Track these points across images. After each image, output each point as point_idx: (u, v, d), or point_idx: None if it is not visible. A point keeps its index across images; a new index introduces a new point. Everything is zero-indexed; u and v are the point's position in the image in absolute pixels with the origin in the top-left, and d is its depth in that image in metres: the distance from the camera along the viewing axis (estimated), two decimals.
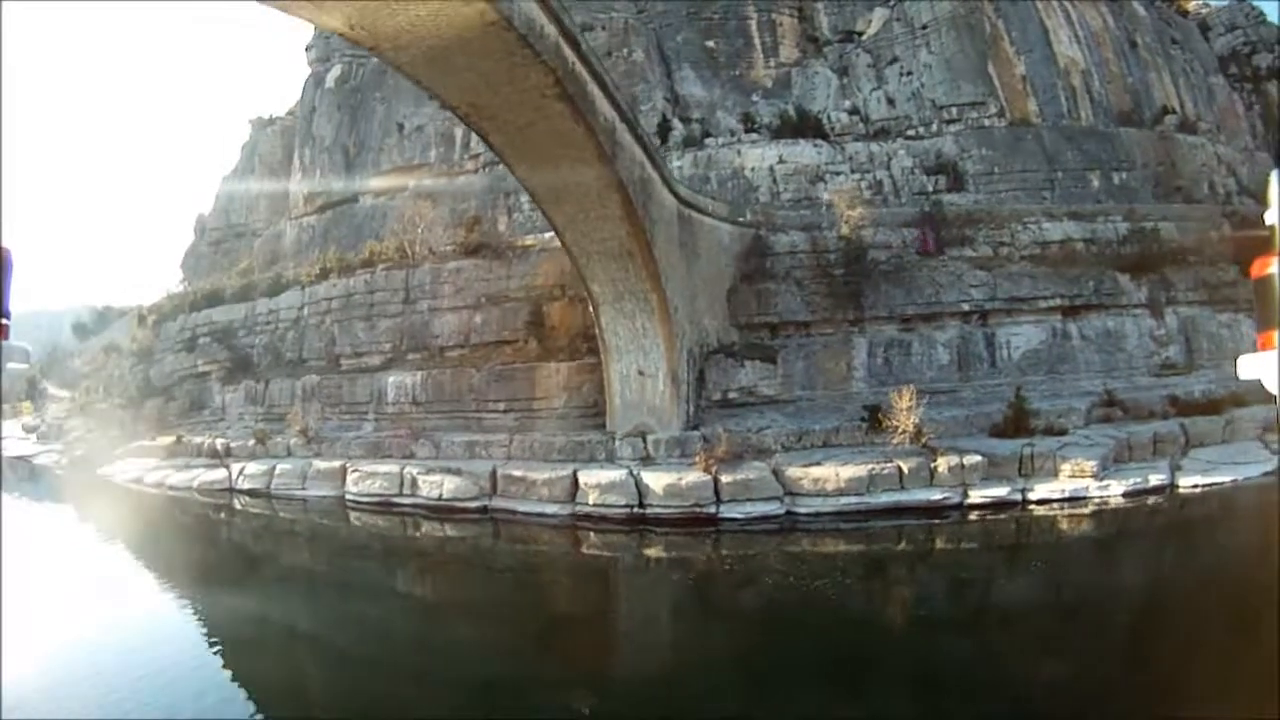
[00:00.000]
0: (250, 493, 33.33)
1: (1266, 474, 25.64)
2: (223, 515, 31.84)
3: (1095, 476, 24.54)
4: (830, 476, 24.80)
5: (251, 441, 35.97)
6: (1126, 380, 32.57)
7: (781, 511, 24.61)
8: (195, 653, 15.11)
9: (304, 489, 32.32)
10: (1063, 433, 27.82)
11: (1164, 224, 37.03)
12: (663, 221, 27.36)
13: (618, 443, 28.16)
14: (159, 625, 17.50)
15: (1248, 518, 22.70)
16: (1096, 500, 24.07)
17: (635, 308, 27.73)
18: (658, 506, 25.32)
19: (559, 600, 20.93)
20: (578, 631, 17.68)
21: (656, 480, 25.63)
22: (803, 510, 24.52)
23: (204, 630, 17.04)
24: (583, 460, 28.29)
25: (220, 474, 34.86)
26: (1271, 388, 4.02)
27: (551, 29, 19.12)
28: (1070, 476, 24.78)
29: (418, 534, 27.50)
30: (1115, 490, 24.34)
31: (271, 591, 21.25)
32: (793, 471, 25.31)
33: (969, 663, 13.92)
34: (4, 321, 3.73)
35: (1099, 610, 16.23)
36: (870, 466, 24.94)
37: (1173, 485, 25.15)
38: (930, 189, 39.28)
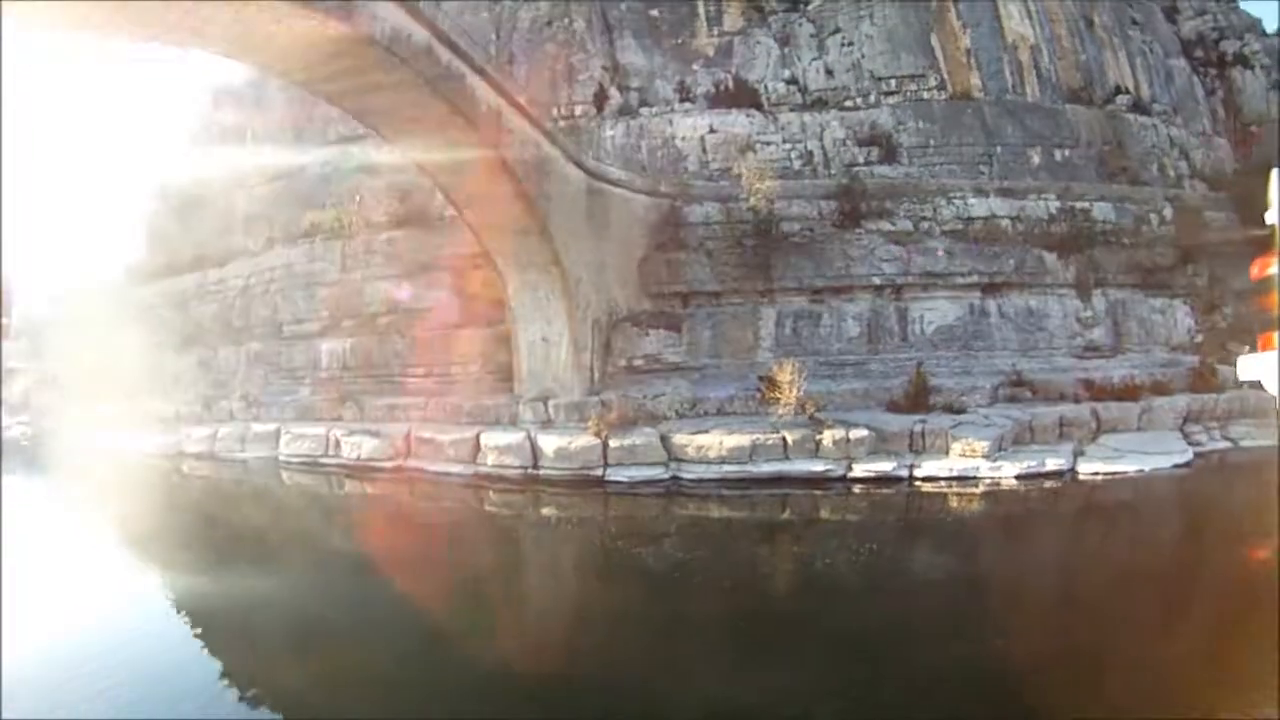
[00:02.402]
0: (197, 456, 35.11)
1: (1178, 466, 24.89)
2: (171, 478, 33.45)
3: (987, 457, 24.30)
4: (714, 444, 25.80)
5: (199, 407, 37.52)
6: (1045, 360, 32.44)
7: (667, 476, 25.75)
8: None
9: (243, 451, 34.03)
10: (961, 411, 27.68)
11: (1100, 204, 36.79)
12: (564, 197, 28.30)
13: (521, 407, 29.41)
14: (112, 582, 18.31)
15: (1140, 510, 22.30)
16: (987, 481, 23.78)
17: (538, 279, 28.83)
18: (549, 468, 26.69)
19: (448, 554, 21.30)
20: (460, 587, 17.43)
21: (549, 443, 26.91)
22: (687, 476, 25.60)
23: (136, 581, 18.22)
24: (489, 423, 29.61)
25: (171, 439, 36.60)
26: (1271, 388, 4.03)
27: (421, 34, 20.24)
28: (961, 455, 24.69)
29: (340, 491, 29.27)
30: (1007, 472, 24.00)
31: (194, 542, 22.67)
32: (679, 439, 26.38)
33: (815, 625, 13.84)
34: (4, 321, 4.05)
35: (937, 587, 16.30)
36: (754, 436, 25.73)
37: (1072, 471, 24.56)
38: (861, 160, 39.63)
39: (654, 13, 44.42)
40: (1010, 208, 36.12)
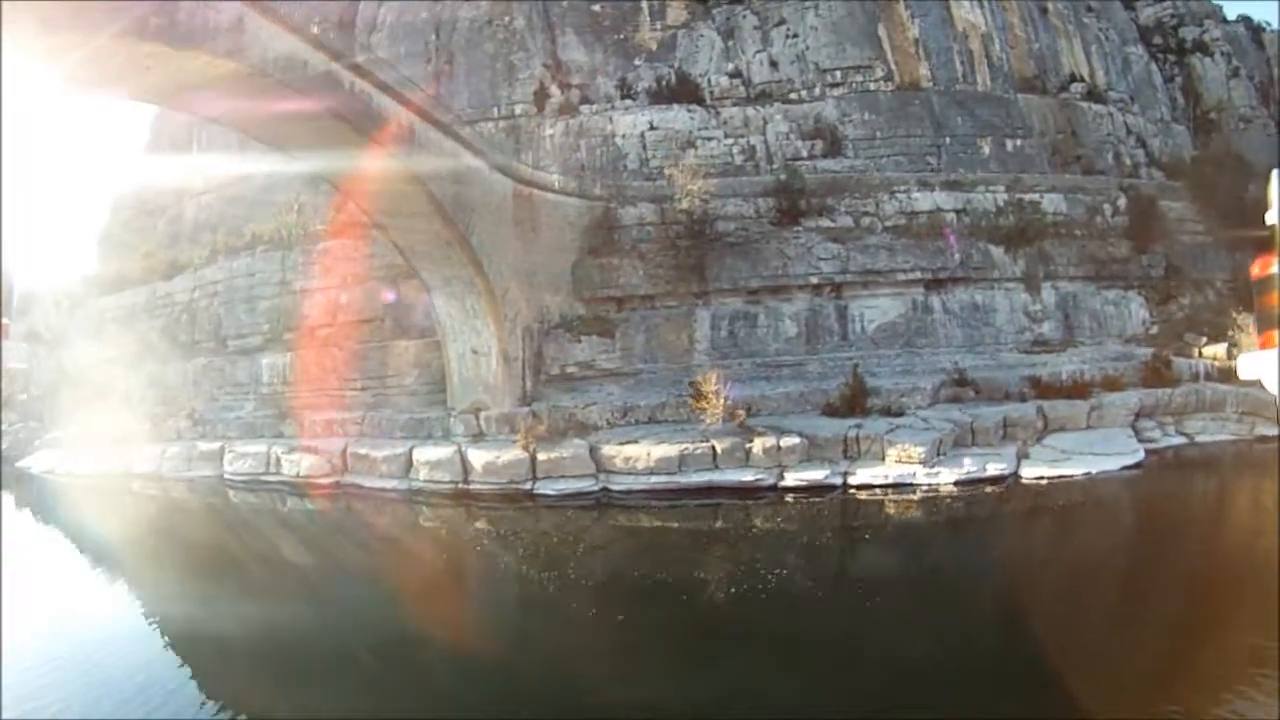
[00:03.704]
0: (145, 476, 34.89)
1: (1127, 467, 24.15)
2: (120, 500, 33.26)
3: (924, 463, 23.84)
4: (642, 455, 25.68)
5: (146, 426, 37.30)
6: (991, 357, 31.85)
7: (596, 488, 25.68)
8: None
9: (189, 470, 33.89)
10: (900, 414, 27.18)
11: (1050, 195, 36.45)
12: (488, 207, 28.08)
13: (453, 420, 29.40)
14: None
15: (1079, 516, 21.41)
16: (924, 488, 23.30)
17: (463, 290, 28.65)
18: (479, 483, 26.71)
19: (383, 569, 21.40)
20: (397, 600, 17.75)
21: (478, 458, 26.92)
22: (617, 488, 25.51)
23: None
24: (421, 437, 29.60)
25: (119, 460, 36.28)
26: (1271, 387, 3.99)
27: (319, 58, 19.89)
28: (897, 461, 24.24)
29: (281, 509, 29.34)
30: (945, 478, 23.46)
31: (147, 563, 22.84)
32: (608, 450, 26.32)
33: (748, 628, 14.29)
34: (4, 321, 3.80)
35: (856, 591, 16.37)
36: (683, 446, 25.55)
37: (1015, 476, 23.93)
38: (805, 154, 39.27)
39: (596, 8, 43.98)
40: (956, 201, 35.89)
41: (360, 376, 33.31)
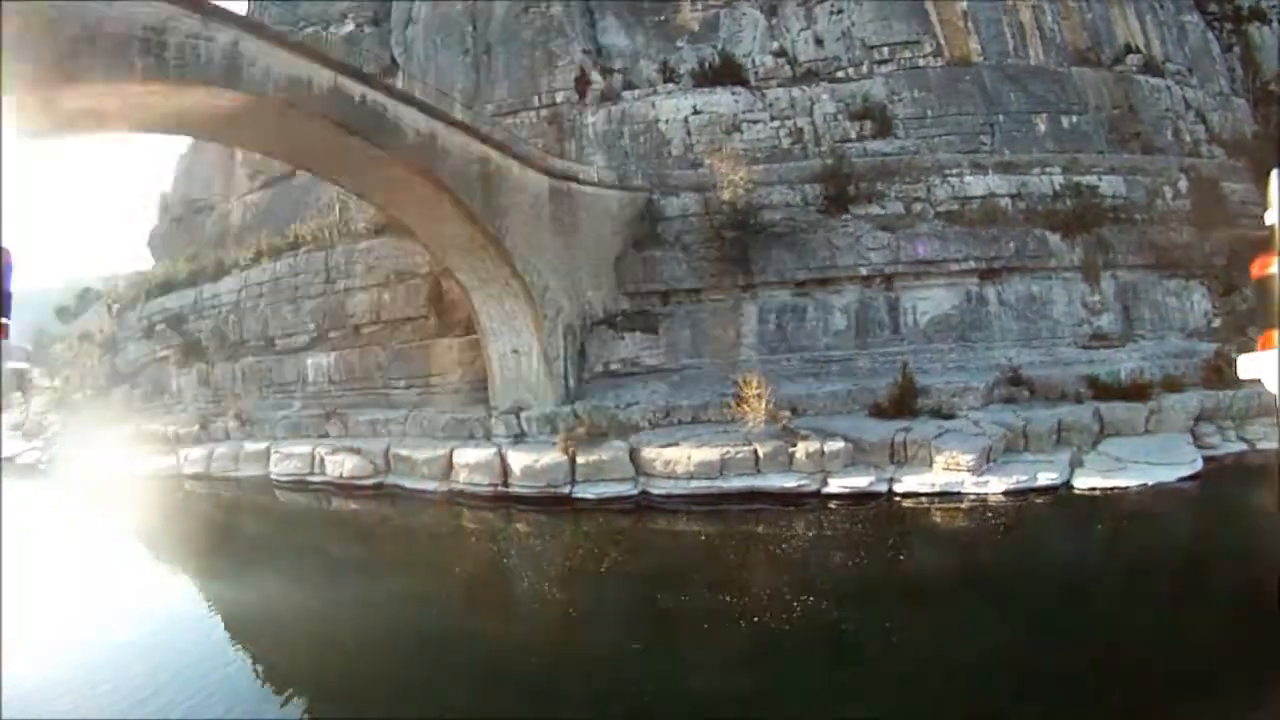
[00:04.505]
0: (194, 476, 35.43)
1: (1184, 479, 22.52)
2: (172, 500, 33.80)
3: (972, 471, 22.72)
4: (682, 459, 25.05)
5: (195, 427, 37.79)
6: (1048, 352, 30.22)
7: (635, 492, 25.16)
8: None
9: (237, 470, 34.35)
10: (950, 416, 25.99)
11: (1109, 177, 34.44)
12: (522, 207, 27.51)
13: (494, 420, 29.04)
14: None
15: (1135, 534, 19.89)
16: (972, 497, 22.17)
17: (501, 292, 28.22)
18: (518, 486, 26.36)
19: (411, 579, 21.35)
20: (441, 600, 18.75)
21: (517, 460, 26.60)
22: (656, 491, 24.96)
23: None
24: (462, 438, 29.33)
25: (169, 460, 36.92)
26: (1272, 387, 3.86)
27: (325, 75, 19.61)
28: (945, 469, 23.16)
29: (326, 508, 29.82)
30: (994, 487, 22.34)
31: (205, 556, 24.72)
32: (648, 453, 25.74)
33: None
34: (4, 321, 3.68)
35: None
36: (724, 450, 24.83)
37: (1067, 485, 22.64)
38: (854, 135, 37.74)
39: None
40: (1010, 184, 34.06)
41: (404, 375, 33.17)
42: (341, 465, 30.55)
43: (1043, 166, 35.01)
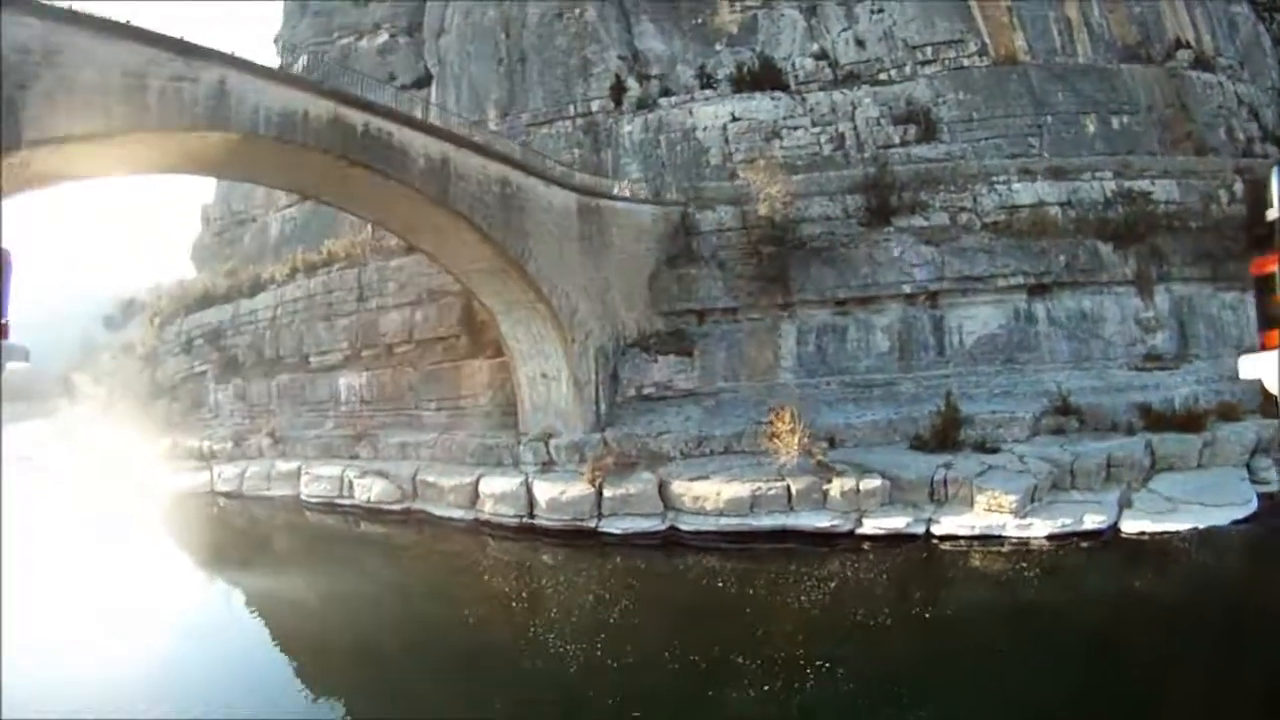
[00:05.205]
0: (227, 494, 35.69)
1: (1238, 521, 21.08)
2: (207, 515, 34.22)
3: (1015, 512, 21.44)
4: (711, 495, 24.09)
5: (229, 444, 37.97)
6: (1099, 375, 28.45)
7: (663, 527, 24.27)
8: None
9: (269, 489, 34.48)
10: (995, 450, 24.64)
11: (1162, 182, 32.28)
12: (545, 228, 26.66)
13: (522, 448, 28.34)
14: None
15: (1184, 586, 18.52)
16: (1014, 540, 20.94)
17: (528, 316, 27.48)
18: (544, 518, 25.70)
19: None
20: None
21: (543, 491, 25.93)
22: (685, 527, 24.03)
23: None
24: (490, 464, 28.81)
25: (204, 477, 37.23)
26: (1272, 387, 4.00)
27: (323, 106, 18.87)
28: (986, 510, 21.89)
29: (355, 530, 29.70)
30: (1038, 530, 21.05)
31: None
32: (677, 486, 24.85)
33: None
34: (3, 321, 3.70)
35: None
36: (755, 486, 23.80)
37: (1114, 529, 21.29)
38: (897, 140, 36.06)
39: None
40: (1061, 192, 32.01)
41: (435, 397, 32.68)
42: (370, 489, 30.24)
43: (1093, 171, 32.90)
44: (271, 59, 49.90)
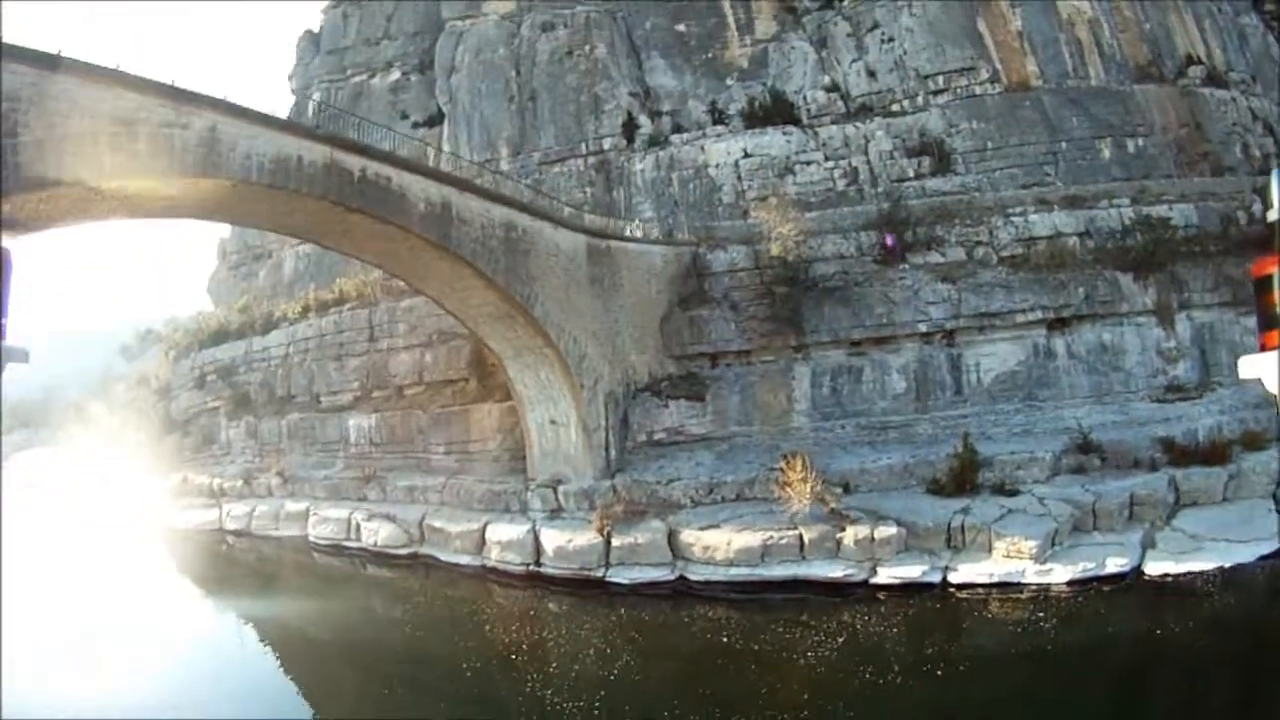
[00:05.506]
0: (236, 533, 35.62)
1: (1264, 558, 20.38)
2: (214, 552, 34.26)
3: (1035, 558, 20.85)
4: (721, 545, 23.52)
5: (239, 482, 37.93)
6: (1120, 409, 27.86)
7: (672, 577, 23.76)
8: None
9: (277, 529, 34.44)
10: (1014, 492, 23.98)
11: (1180, 205, 31.67)
12: (553, 271, 26.30)
13: (530, 494, 27.96)
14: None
15: (1206, 632, 17.76)
16: (1033, 587, 20.33)
17: (536, 361, 27.07)
18: (550, 566, 25.28)
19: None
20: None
21: (550, 539, 25.55)
22: (695, 577, 23.50)
23: None
24: (498, 511, 28.47)
25: (213, 514, 37.27)
26: (1272, 387, 4.04)
27: (317, 151, 18.60)
28: (1005, 556, 21.29)
29: (362, 573, 29.56)
30: (1058, 576, 20.46)
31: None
32: (686, 536, 24.32)
33: None
34: (3, 321, 3.71)
35: None
36: (767, 535, 23.20)
37: (1138, 570, 20.61)
38: (911, 174, 35.62)
39: (681, 27, 41.54)
40: (1078, 222, 31.43)
41: (444, 440, 32.31)
42: (377, 533, 30.00)
43: (1110, 198, 32.39)
44: (285, 96, 50.35)
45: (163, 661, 20.89)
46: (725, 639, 19.92)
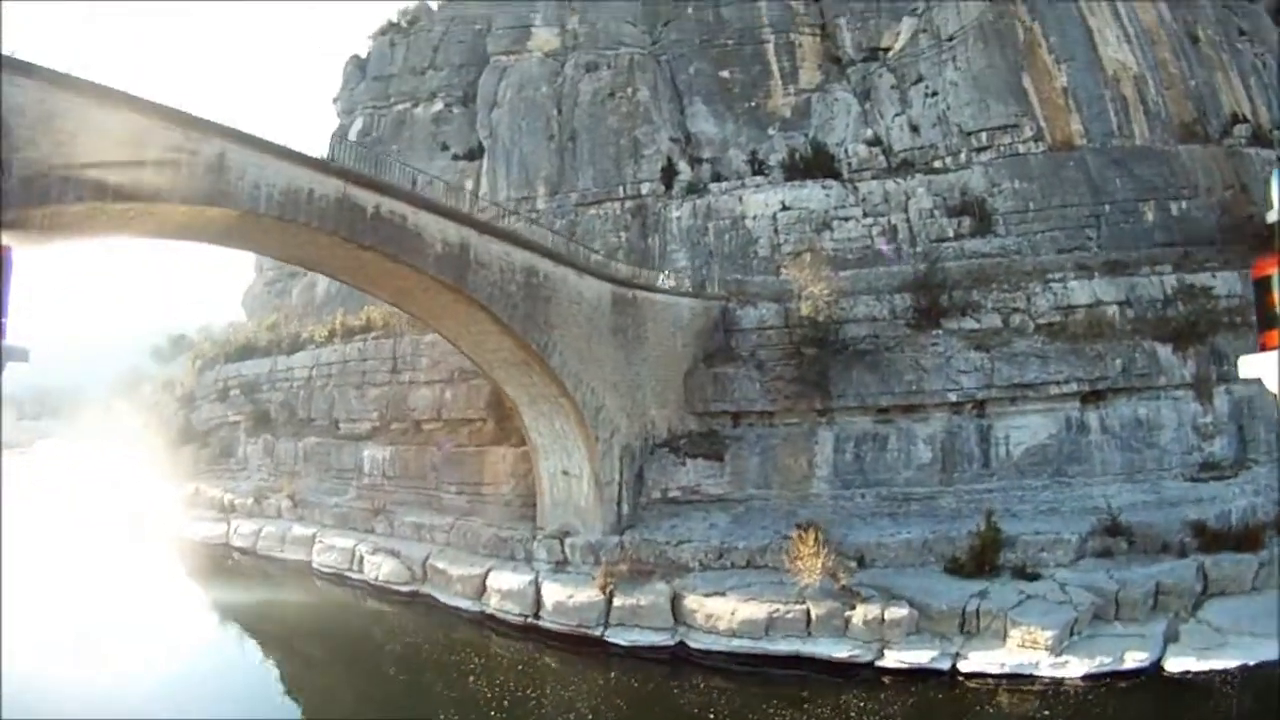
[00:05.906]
0: (241, 550, 35.87)
1: None
2: (216, 569, 34.49)
3: (1051, 649, 19.88)
4: (725, 614, 22.73)
5: (250, 500, 38.02)
6: (1152, 488, 26.59)
7: (672, 643, 23.05)
8: None
9: (282, 551, 34.63)
10: (1035, 576, 22.95)
11: (1223, 274, 30.54)
12: (574, 319, 25.85)
13: (536, 543, 27.38)
14: None
15: None
16: (1047, 680, 19.35)
17: (551, 410, 26.58)
18: (549, 620, 24.70)
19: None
20: None
21: (551, 593, 25.04)
22: (695, 645, 22.77)
23: None
24: (503, 558, 27.98)
25: (221, 529, 37.53)
26: (1272, 387, 4.12)
27: (330, 185, 18.29)
28: (1020, 645, 20.30)
29: (363, 604, 29.51)
30: (1074, 670, 19.45)
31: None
32: (690, 601, 23.56)
33: None
34: (2, 321, 3.79)
35: None
36: (772, 607, 22.35)
37: (1158, 666, 19.58)
38: (951, 234, 34.71)
39: (725, 74, 41.27)
40: (1119, 289, 30.35)
41: (456, 480, 31.91)
42: (379, 567, 29.76)
43: (1153, 265, 31.30)
44: (330, 119, 50.77)
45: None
46: (718, 714, 19.13)
